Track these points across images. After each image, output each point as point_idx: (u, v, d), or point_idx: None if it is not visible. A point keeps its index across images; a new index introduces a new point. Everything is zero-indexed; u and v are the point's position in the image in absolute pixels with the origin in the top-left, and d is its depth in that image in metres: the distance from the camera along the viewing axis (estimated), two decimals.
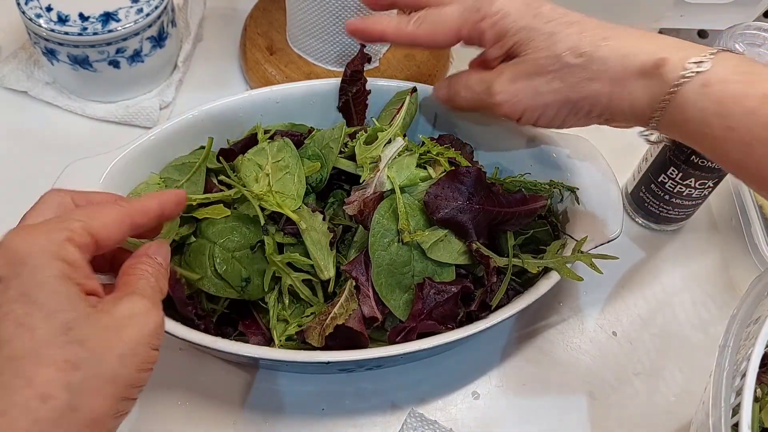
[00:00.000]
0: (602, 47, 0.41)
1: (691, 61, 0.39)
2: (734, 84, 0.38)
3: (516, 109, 0.45)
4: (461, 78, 0.48)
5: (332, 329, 0.44)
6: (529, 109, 0.45)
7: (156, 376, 0.51)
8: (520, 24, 0.43)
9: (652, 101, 0.40)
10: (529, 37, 0.43)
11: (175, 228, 0.48)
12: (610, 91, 0.42)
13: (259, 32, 0.69)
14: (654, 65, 0.40)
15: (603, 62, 0.41)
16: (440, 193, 0.46)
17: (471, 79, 0.47)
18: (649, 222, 0.62)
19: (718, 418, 0.38)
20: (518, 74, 0.44)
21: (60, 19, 0.59)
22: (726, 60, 0.39)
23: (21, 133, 0.64)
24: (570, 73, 0.42)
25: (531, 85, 0.44)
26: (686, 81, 0.39)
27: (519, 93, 0.44)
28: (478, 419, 0.51)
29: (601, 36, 0.42)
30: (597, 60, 0.41)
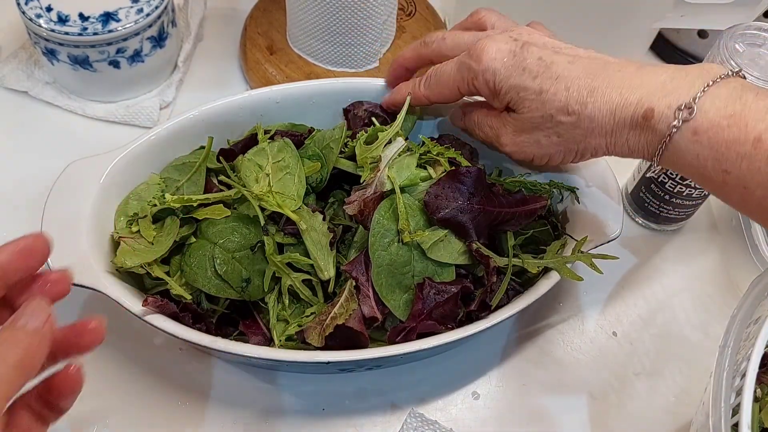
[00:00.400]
0: (589, 105, 0.41)
1: (678, 109, 0.38)
2: (725, 130, 0.37)
3: (525, 157, 0.47)
4: (474, 117, 0.50)
5: (332, 329, 0.44)
6: (536, 156, 0.46)
7: (156, 376, 0.51)
8: (509, 83, 0.44)
9: (649, 147, 0.41)
10: (520, 97, 0.43)
11: (175, 228, 0.48)
12: (607, 142, 0.42)
13: (259, 32, 0.69)
14: (643, 117, 0.40)
15: (593, 120, 0.41)
16: (440, 193, 0.46)
17: (482, 124, 0.49)
18: (649, 222, 0.62)
19: (718, 418, 0.38)
20: (519, 129, 0.45)
21: (60, 19, 0.59)
22: (715, 100, 0.38)
23: (21, 133, 0.64)
24: (565, 129, 0.43)
25: (533, 139, 0.45)
26: (676, 131, 0.39)
27: (523, 145, 0.46)
28: (478, 419, 0.51)
29: (586, 90, 0.41)
30: (587, 118, 0.41)
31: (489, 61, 0.44)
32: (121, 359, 0.52)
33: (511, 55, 0.44)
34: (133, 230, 0.48)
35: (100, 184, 0.49)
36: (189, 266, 0.47)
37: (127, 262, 0.46)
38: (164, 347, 0.53)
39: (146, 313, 0.44)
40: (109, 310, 0.50)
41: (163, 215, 0.49)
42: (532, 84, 0.43)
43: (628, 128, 0.41)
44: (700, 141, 0.38)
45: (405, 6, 0.71)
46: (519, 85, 0.43)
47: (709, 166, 0.38)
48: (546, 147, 0.45)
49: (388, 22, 0.64)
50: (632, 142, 0.41)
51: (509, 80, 0.43)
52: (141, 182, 0.52)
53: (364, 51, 0.65)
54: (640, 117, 0.40)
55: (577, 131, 0.42)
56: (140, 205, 0.50)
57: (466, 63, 0.45)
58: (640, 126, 0.40)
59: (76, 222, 0.47)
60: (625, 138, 0.41)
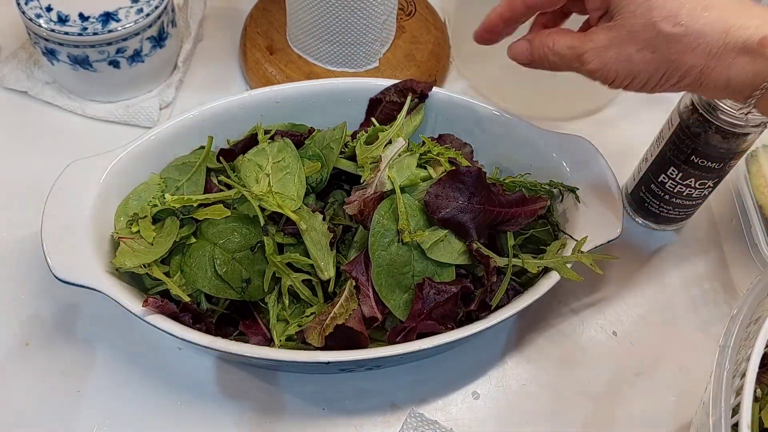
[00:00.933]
0: (701, 19, 0.38)
1: None
2: None
3: (608, 76, 0.44)
4: (547, 41, 0.46)
5: (332, 329, 0.44)
6: (621, 75, 0.43)
7: (156, 375, 0.51)
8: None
9: (754, 79, 0.39)
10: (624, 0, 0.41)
11: (175, 229, 0.48)
12: (706, 65, 0.40)
13: (259, 32, 0.69)
14: (759, 43, 0.38)
15: (701, 35, 0.38)
16: (441, 193, 0.46)
17: (558, 44, 0.45)
18: (649, 222, 0.62)
19: (718, 418, 0.38)
20: (611, 41, 0.42)
21: (60, 19, 0.59)
22: None
23: (21, 133, 0.64)
24: (665, 43, 0.40)
25: (623, 53, 0.42)
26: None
27: (611, 61, 0.42)
28: (478, 419, 0.51)
29: (702, 4, 0.39)
30: (695, 32, 0.39)
31: None
32: (121, 359, 0.52)
33: None
34: (133, 230, 0.48)
35: (100, 184, 0.49)
36: (189, 267, 0.47)
37: (127, 262, 0.46)
38: (164, 347, 0.53)
39: (146, 313, 0.44)
40: (109, 310, 0.51)
41: (163, 215, 0.49)
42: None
43: (737, 53, 0.38)
44: None
45: (405, 6, 0.71)
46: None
47: None
48: (636, 63, 0.41)
49: (388, 22, 0.65)
50: (736, 70, 0.39)
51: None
52: (141, 182, 0.52)
53: (364, 51, 0.65)
54: (755, 42, 0.38)
55: (677, 46, 0.39)
56: (140, 206, 0.50)
57: None
58: (753, 52, 0.38)
59: (76, 222, 0.47)
60: (729, 63, 0.39)
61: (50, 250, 0.45)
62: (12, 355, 0.52)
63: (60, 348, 0.52)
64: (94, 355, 0.52)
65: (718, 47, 0.39)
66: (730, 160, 0.52)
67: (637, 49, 0.41)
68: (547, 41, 0.46)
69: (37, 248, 0.48)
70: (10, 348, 0.52)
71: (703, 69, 0.40)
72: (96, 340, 0.53)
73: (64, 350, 0.52)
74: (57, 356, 0.52)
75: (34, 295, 0.54)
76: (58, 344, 0.52)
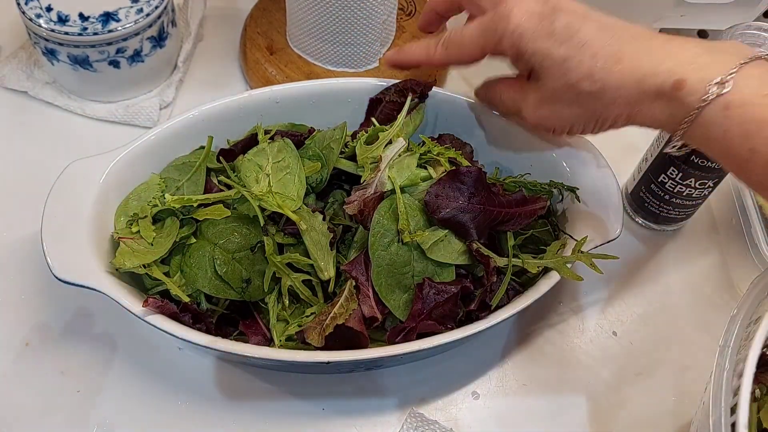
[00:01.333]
0: (615, 73, 0.40)
1: (711, 83, 0.38)
2: (757, 107, 0.37)
3: (546, 127, 0.47)
4: (496, 90, 0.51)
5: (332, 329, 0.44)
6: (558, 128, 0.46)
7: (156, 375, 0.51)
8: (534, 46, 0.43)
9: (673, 120, 0.40)
10: (543, 64, 0.43)
11: (175, 229, 0.48)
12: (630, 112, 0.41)
13: (259, 32, 0.69)
14: (672, 88, 0.39)
15: (618, 88, 0.40)
16: (441, 193, 0.46)
17: (504, 96, 0.50)
18: (649, 222, 0.62)
19: (718, 417, 0.38)
20: (541, 100, 0.45)
21: (60, 19, 0.59)
22: (748, 79, 0.38)
23: (21, 133, 0.64)
24: (588, 100, 0.42)
25: (554, 109, 0.45)
26: (706, 105, 0.38)
27: (545, 116, 0.46)
28: (478, 419, 0.51)
29: (614, 57, 0.40)
30: (611, 87, 0.40)
31: (517, 22, 0.43)
32: (121, 359, 0.52)
33: (539, 18, 0.42)
34: (133, 230, 0.48)
35: (100, 184, 0.49)
36: (189, 267, 0.47)
37: (127, 263, 0.46)
38: (164, 347, 0.53)
39: (146, 313, 0.44)
40: (109, 310, 0.51)
41: (163, 215, 0.49)
42: (558, 50, 0.42)
43: (654, 98, 0.40)
44: (731, 116, 0.38)
45: (405, 6, 0.71)
46: (544, 50, 0.42)
47: (735, 143, 0.38)
48: (567, 118, 0.44)
49: (388, 22, 0.64)
50: (657, 112, 0.40)
51: (535, 43, 0.42)
52: (141, 182, 0.52)
53: (364, 51, 0.65)
54: (669, 87, 0.39)
55: (599, 101, 0.42)
56: (140, 206, 0.50)
57: (492, 26, 0.44)
58: (668, 96, 0.39)
59: (76, 222, 0.47)
60: (650, 108, 0.40)
61: (50, 250, 0.45)
62: (12, 355, 0.52)
63: (60, 348, 0.52)
64: (94, 355, 0.52)
65: (636, 97, 0.40)
66: None
67: (565, 106, 0.44)
68: (496, 89, 0.51)
69: (37, 248, 0.48)
70: (10, 348, 0.52)
71: (628, 115, 0.42)
72: (96, 340, 0.53)
73: (64, 350, 0.52)
74: (57, 356, 0.52)
75: (34, 295, 0.54)
76: (58, 344, 0.52)
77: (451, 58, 0.49)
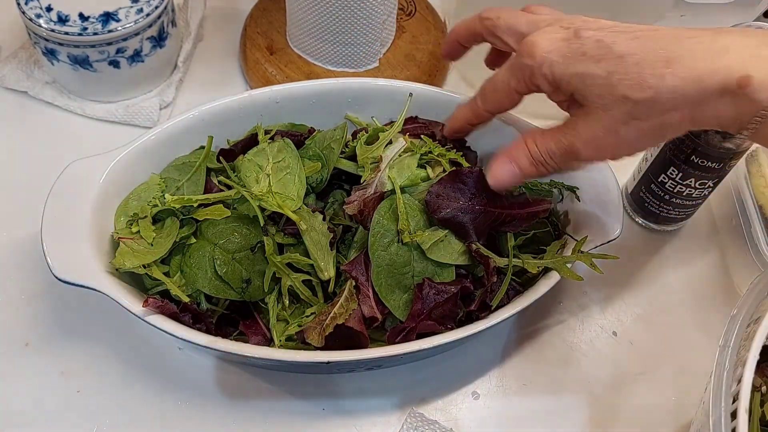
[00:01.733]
0: (667, 76, 0.37)
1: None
2: None
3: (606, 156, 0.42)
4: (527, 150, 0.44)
5: (332, 329, 0.44)
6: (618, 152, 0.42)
7: (156, 375, 0.51)
8: (570, 71, 0.39)
9: (740, 118, 0.37)
10: (586, 84, 0.39)
11: (175, 229, 0.48)
12: (692, 114, 0.38)
13: (259, 32, 0.69)
14: (737, 85, 0.36)
15: (674, 90, 0.37)
16: (442, 193, 0.46)
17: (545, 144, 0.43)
18: (649, 222, 0.62)
19: (718, 417, 0.38)
20: (592, 126, 0.40)
21: (60, 19, 0.59)
22: None
23: (21, 133, 0.64)
24: (644, 109, 0.38)
25: (612, 133, 0.40)
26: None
27: (604, 145, 0.41)
28: (478, 419, 0.51)
29: (662, 60, 0.37)
30: (668, 90, 0.37)
31: (543, 55, 0.40)
32: (121, 359, 0.52)
33: (565, 44, 0.40)
34: (133, 231, 0.48)
35: (100, 184, 0.49)
36: (189, 267, 0.47)
37: (126, 263, 0.46)
38: (164, 347, 0.53)
39: (146, 313, 0.44)
40: (109, 310, 0.51)
41: (163, 216, 0.49)
42: (597, 69, 0.38)
43: (719, 96, 0.36)
44: None
45: (405, 6, 0.71)
46: (582, 72, 0.39)
47: None
48: (627, 137, 0.40)
49: (388, 22, 0.65)
50: (721, 111, 0.37)
51: (570, 68, 0.39)
52: (141, 182, 0.52)
53: (364, 51, 0.65)
54: (733, 84, 0.36)
55: (657, 108, 0.38)
56: (140, 206, 0.50)
57: (519, 63, 0.42)
58: (733, 94, 0.36)
59: (76, 222, 0.47)
60: (714, 108, 0.37)
61: (50, 250, 0.45)
62: (12, 355, 0.52)
63: (60, 348, 0.52)
64: (94, 355, 0.52)
65: (697, 97, 0.37)
66: (730, 160, 0.52)
67: (622, 124, 0.39)
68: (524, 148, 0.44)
69: (37, 248, 0.48)
70: (10, 348, 0.52)
71: (692, 118, 0.38)
72: (96, 340, 0.53)
73: (64, 350, 0.52)
74: (57, 356, 0.52)
75: (34, 295, 0.54)
76: (58, 344, 0.52)
77: (492, 108, 0.46)
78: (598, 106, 0.39)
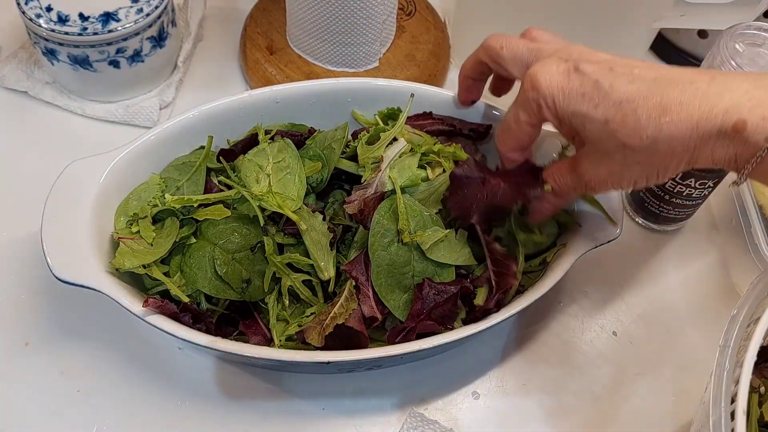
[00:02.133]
0: (664, 125, 0.38)
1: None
2: None
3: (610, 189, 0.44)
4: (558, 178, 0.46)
5: (332, 329, 0.44)
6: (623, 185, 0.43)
7: (156, 375, 0.51)
8: (570, 109, 0.41)
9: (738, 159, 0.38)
10: (585, 126, 0.41)
11: (175, 230, 0.48)
12: (690, 157, 0.39)
13: (259, 32, 0.69)
14: (733, 129, 0.37)
15: (672, 138, 0.38)
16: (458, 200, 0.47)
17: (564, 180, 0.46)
18: (649, 222, 0.62)
19: (718, 418, 0.38)
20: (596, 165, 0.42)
21: (60, 19, 0.59)
22: None
23: (21, 133, 0.64)
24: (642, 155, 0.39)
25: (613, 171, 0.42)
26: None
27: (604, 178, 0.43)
28: (478, 419, 0.51)
29: (658, 109, 0.38)
30: (665, 138, 0.38)
31: (546, 87, 0.41)
32: (121, 359, 0.52)
33: (566, 78, 0.41)
34: (133, 231, 0.48)
35: (100, 184, 0.49)
36: (189, 267, 0.47)
37: (126, 263, 0.46)
38: (164, 347, 0.53)
39: (146, 313, 0.44)
40: (109, 310, 0.51)
41: (163, 216, 0.49)
42: (595, 113, 0.40)
43: (716, 139, 0.37)
44: None
45: (405, 6, 0.71)
46: (581, 113, 0.40)
47: None
48: (628, 176, 0.41)
49: (388, 21, 0.65)
50: (718, 154, 0.38)
51: (570, 107, 0.41)
52: (141, 182, 0.52)
53: (364, 51, 0.65)
54: (729, 128, 0.37)
55: (655, 155, 0.39)
56: (140, 206, 0.50)
57: (525, 98, 0.43)
58: (729, 137, 0.37)
59: (76, 222, 0.47)
60: (711, 151, 0.38)
61: (50, 250, 0.45)
62: (12, 355, 0.52)
63: (60, 348, 0.52)
64: (94, 355, 0.52)
65: (694, 142, 0.38)
66: None
67: (624, 168, 0.41)
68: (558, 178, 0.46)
69: (37, 248, 0.48)
70: (10, 348, 0.52)
71: (689, 160, 0.39)
72: (96, 340, 0.53)
73: (64, 350, 0.52)
74: (57, 356, 0.52)
75: (34, 295, 0.54)
76: (58, 344, 0.52)
77: (511, 145, 0.47)
78: (600, 149, 0.41)
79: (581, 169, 0.43)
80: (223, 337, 0.46)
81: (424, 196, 0.48)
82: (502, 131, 0.47)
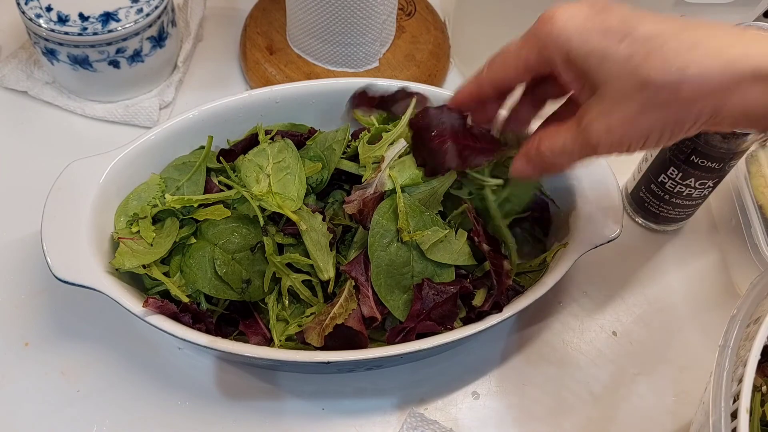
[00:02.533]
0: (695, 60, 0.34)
1: None
2: None
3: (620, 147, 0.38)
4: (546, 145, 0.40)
5: (332, 329, 0.44)
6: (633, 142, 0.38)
7: (156, 375, 0.51)
8: (588, 47, 0.36)
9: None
10: (603, 64, 0.36)
11: (175, 230, 0.48)
12: (717, 103, 0.35)
13: (259, 32, 0.69)
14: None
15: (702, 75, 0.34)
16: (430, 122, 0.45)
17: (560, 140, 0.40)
18: (649, 222, 0.62)
19: (718, 417, 0.38)
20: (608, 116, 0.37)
21: (60, 19, 0.59)
22: None
23: (21, 133, 0.64)
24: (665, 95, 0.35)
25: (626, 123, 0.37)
26: None
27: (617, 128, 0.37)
28: (478, 419, 0.51)
29: (688, 43, 0.34)
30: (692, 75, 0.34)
31: (562, 24, 0.37)
32: (120, 359, 0.52)
33: (588, 18, 0.36)
34: (133, 231, 0.48)
35: (100, 184, 0.49)
36: (189, 267, 0.47)
37: (126, 263, 0.46)
38: (164, 347, 0.53)
39: (146, 313, 0.44)
40: (109, 310, 0.51)
41: (163, 216, 0.49)
42: (618, 48, 0.35)
43: (749, 83, 0.33)
44: None
45: (405, 6, 0.71)
46: (602, 49, 0.35)
47: None
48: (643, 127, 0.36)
49: (388, 22, 0.65)
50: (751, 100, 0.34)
51: (588, 44, 0.36)
52: (141, 182, 0.52)
53: (364, 51, 0.65)
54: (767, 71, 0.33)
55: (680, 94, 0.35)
56: (140, 206, 0.50)
57: (535, 31, 0.38)
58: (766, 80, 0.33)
59: (76, 222, 0.47)
60: (743, 97, 0.34)
61: (50, 250, 0.45)
62: (12, 355, 0.52)
63: (60, 348, 0.52)
64: (94, 355, 0.52)
65: (726, 82, 0.34)
66: (730, 160, 0.52)
67: (640, 114, 0.36)
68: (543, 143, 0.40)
69: (37, 248, 0.48)
70: (10, 348, 0.52)
71: (715, 107, 0.35)
72: (96, 340, 0.53)
73: (64, 350, 0.52)
74: (57, 356, 0.52)
75: (34, 295, 0.54)
76: (58, 344, 0.52)
77: (495, 77, 0.42)
78: (615, 91, 0.36)
79: (587, 119, 0.38)
80: (223, 337, 0.46)
81: (424, 196, 0.48)
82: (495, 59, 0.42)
